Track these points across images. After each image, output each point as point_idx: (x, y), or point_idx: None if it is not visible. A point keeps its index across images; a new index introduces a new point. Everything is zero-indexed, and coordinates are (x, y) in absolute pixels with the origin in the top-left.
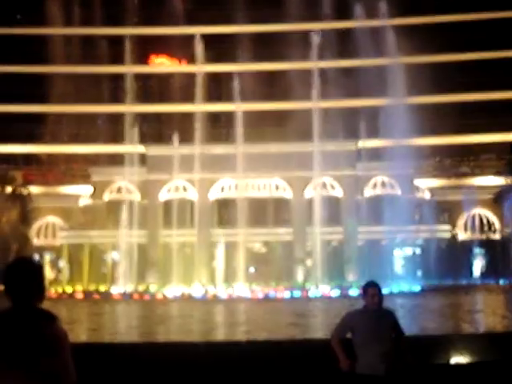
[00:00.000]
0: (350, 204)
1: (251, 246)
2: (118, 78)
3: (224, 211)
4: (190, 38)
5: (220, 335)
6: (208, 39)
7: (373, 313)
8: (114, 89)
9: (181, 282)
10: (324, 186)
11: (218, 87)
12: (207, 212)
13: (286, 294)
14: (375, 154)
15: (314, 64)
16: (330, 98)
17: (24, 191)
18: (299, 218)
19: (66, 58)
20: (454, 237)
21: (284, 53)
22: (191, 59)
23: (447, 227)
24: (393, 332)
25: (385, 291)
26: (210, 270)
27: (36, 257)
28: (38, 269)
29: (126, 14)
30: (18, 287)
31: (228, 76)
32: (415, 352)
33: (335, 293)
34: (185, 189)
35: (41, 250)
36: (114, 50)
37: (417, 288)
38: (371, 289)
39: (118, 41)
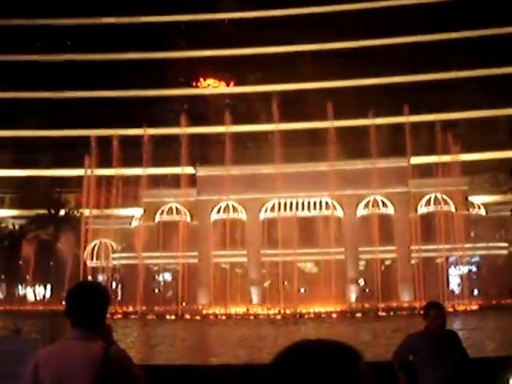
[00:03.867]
0: (402, 222)
1: (303, 265)
2: (167, 101)
3: (274, 231)
4: (237, 60)
5: None
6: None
7: (435, 335)
8: (163, 111)
9: (232, 302)
10: (376, 203)
11: (266, 108)
12: (257, 232)
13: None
14: (428, 171)
15: (365, 81)
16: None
17: (77, 214)
18: (351, 237)
19: (112, 82)
20: (511, 254)
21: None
22: (239, 81)
23: (504, 244)
24: (456, 355)
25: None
26: (261, 290)
27: (89, 278)
28: (101, 293)
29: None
30: (79, 310)
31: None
32: (478, 375)
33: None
34: (235, 209)
35: (94, 271)
36: (158, 73)
37: (475, 307)
38: (434, 310)
39: (165, 64)
